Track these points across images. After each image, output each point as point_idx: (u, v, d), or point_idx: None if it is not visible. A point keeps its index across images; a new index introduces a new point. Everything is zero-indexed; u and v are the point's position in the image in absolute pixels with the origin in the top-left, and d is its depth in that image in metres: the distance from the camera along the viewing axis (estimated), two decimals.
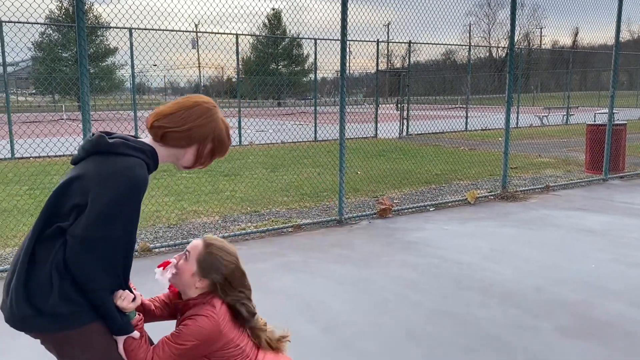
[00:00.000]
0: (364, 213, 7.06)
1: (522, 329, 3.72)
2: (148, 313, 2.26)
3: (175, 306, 2.24)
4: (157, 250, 5.61)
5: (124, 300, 1.91)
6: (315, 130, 16.71)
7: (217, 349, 2.06)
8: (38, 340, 1.92)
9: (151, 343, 2.06)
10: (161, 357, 2.00)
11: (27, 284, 1.79)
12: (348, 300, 4.27)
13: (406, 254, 5.40)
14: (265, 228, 6.38)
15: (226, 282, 2.10)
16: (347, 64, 6.73)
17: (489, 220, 6.78)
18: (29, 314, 1.79)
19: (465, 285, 4.55)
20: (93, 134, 1.97)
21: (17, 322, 1.81)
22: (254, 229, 6.36)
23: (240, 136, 15.74)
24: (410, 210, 7.38)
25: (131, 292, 1.97)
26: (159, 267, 2.11)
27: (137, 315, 2.01)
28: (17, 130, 13.22)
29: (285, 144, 15.17)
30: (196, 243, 2.15)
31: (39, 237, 1.84)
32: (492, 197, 8.14)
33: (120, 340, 1.95)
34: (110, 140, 1.91)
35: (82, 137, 5.12)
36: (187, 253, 2.13)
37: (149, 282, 2.17)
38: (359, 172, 10.20)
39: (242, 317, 2.14)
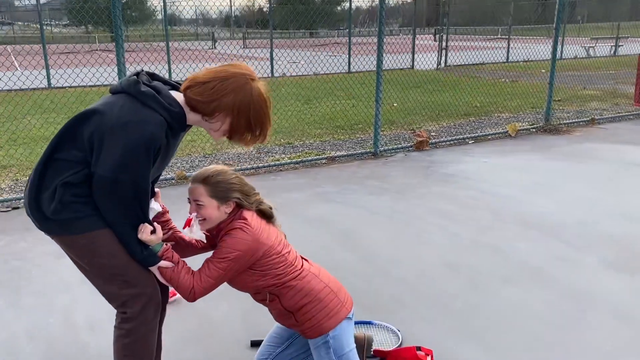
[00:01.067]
0: (400, 146, 6.90)
1: (564, 262, 3.61)
2: (189, 246, 2.30)
3: (212, 235, 2.27)
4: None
5: (142, 233, 1.94)
6: (350, 62, 16.28)
7: (260, 258, 2.07)
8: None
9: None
10: (208, 277, 2.03)
11: (37, 197, 1.92)
12: (384, 230, 4.22)
13: (444, 186, 5.28)
14: (299, 159, 6.31)
15: (243, 194, 2.14)
16: None
17: (531, 153, 6.55)
18: (39, 217, 1.94)
19: (505, 218, 4.43)
20: (140, 72, 1.98)
21: (35, 223, 1.97)
22: (288, 160, 6.30)
23: (272, 68, 15.47)
24: (448, 143, 7.18)
25: (151, 224, 1.99)
26: (184, 228, 2.17)
27: (163, 245, 2.03)
28: (52, 60, 13.27)
29: (318, 75, 14.85)
30: (194, 188, 2.12)
31: (50, 156, 1.92)
32: (534, 130, 7.85)
33: (155, 271, 2.03)
34: (143, 89, 1.89)
35: (116, 67, 5.06)
36: (196, 202, 2.11)
37: (186, 208, 2.14)
38: (394, 104, 9.95)
39: (269, 215, 2.20)
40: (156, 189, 2.26)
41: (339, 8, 36.68)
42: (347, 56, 16.53)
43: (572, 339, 2.74)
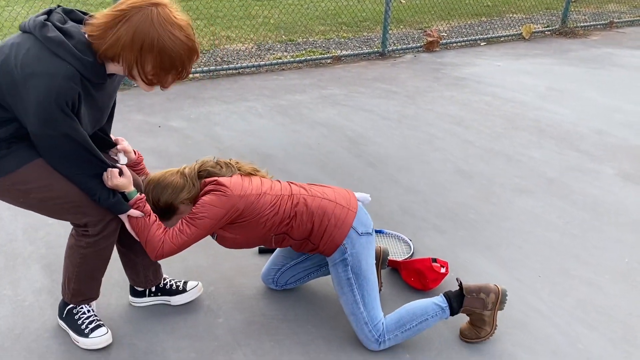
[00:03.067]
0: (409, 46, 6.54)
1: (581, 172, 3.49)
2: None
3: None
4: (191, 76, 5.34)
5: (111, 178, 1.78)
6: None
7: (243, 210, 1.90)
8: None
9: None
10: (181, 233, 1.87)
11: None
12: (393, 136, 4.04)
13: (455, 90, 5.04)
14: (303, 58, 5.98)
15: (183, 193, 1.95)
16: None
17: (546, 57, 6.23)
18: None
19: (520, 124, 4.24)
20: (54, 9, 1.67)
21: None
22: (291, 59, 5.97)
23: None
24: (459, 44, 6.82)
25: (115, 167, 1.81)
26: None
27: (137, 194, 1.87)
28: None
29: None
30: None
31: None
32: (548, 33, 7.45)
33: (125, 220, 1.88)
34: (50, 34, 1.58)
35: None
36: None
37: (185, 107, 1.96)
38: (403, 1, 9.37)
39: (248, 173, 2.02)
40: (119, 138, 2.02)
41: None
42: None
43: (588, 250, 2.67)
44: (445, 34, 7.22)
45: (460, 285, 2.02)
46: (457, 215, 2.98)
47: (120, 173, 1.82)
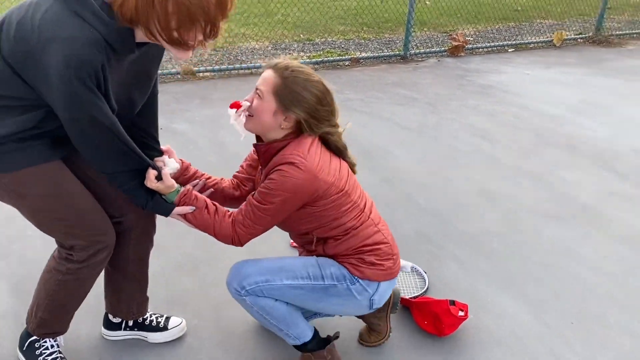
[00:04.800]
0: (432, 50, 6.21)
1: (618, 197, 3.14)
2: (225, 196, 1.87)
3: (256, 157, 1.82)
4: (201, 74, 5.09)
5: (147, 180, 1.56)
6: None
7: (318, 197, 1.63)
8: None
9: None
10: (254, 223, 1.63)
11: None
12: (412, 148, 3.73)
13: (481, 99, 4.70)
14: (320, 59, 5.69)
15: (311, 116, 1.63)
16: None
17: (579, 66, 5.85)
18: None
19: (550, 140, 3.90)
20: None
21: None
22: (307, 60, 5.69)
23: None
24: (485, 49, 6.46)
25: (155, 168, 1.58)
26: (231, 107, 1.65)
27: (181, 189, 1.64)
28: None
29: None
30: (267, 74, 1.62)
31: None
32: (581, 40, 7.05)
33: (180, 220, 1.68)
34: None
35: None
36: (258, 90, 1.63)
37: (192, 109, 1.69)
38: (427, 2, 9.03)
39: (336, 149, 1.72)
40: (167, 147, 1.79)
41: None
42: None
43: (630, 292, 2.34)
44: (471, 39, 6.87)
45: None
46: (478, 244, 2.66)
47: (158, 177, 1.58)
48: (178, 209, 1.62)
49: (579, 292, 2.34)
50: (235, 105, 1.65)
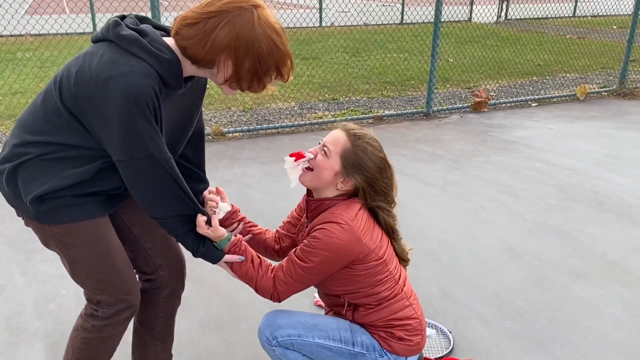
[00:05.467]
0: (455, 106, 6.32)
1: None
2: (264, 248, 1.94)
3: (304, 208, 1.88)
4: (230, 135, 5.28)
5: (197, 228, 1.63)
6: (403, 12, 15.37)
7: (358, 261, 1.68)
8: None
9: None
10: (294, 281, 1.68)
11: (15, 171, 1.59)
12: (435, 204, 3.77)
13: (504, 154, 4.74)
14: (344, 117, 5.85)
15: (369, 185, 1.70)
16: None
17: (603, 120, 5.86)
18: (12, 194, 1.61)
19: (575, 195, 3.89)
20: (127, 15, 1.55)
21: (5, 197, 1.65)
22: (332, 118, 5.85)
23: (320, 17, 14.76)
24: (508, 104, 6.54)
25: (205, 214, 1.65)
26: (290, 156, 1.72)
27: (232, 237, 1.70)
28: (99, 3, 13.00)
29: (368, 26, 14.08)
30: (338, 135, 1.71)
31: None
32: (605, 94, 7.08)
33: (225, 269, 1.74)
34: (124, 32, 1.45)
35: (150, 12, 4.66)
36: (325, 148, 1.70)
37: (220, 168, 1.79)
38: (450, 60, 9.23)
39: (384, 226, 1.78)
40: (219, 189, 1.89)
41: None
42: (400, 6, 15.59)
43: None
44: (494, 94, 6.97)
45: None
46: (503, 302, 2.65)
47: (208, 222, 1.65)
48: (227, 257, 1.68)
49: (610, 353, 2.29)
50: (297, 155, 1.72)
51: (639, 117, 5.99)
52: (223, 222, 1.85)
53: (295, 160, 1.72)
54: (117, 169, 1.54)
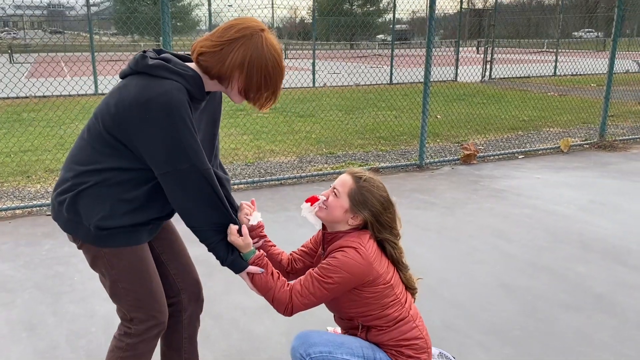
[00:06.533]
0: (446, 159, 6.69)
1: (631, 289, 3.35)
2: (278, 266, 2.18)
3: (320, 242, 2.16)
4: (235, 187, 5.56)
5: (230, 235, 1.85)
6: (391, 73, 16.12)
7: (368, 283, 1.94)
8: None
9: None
10: (311, 294, 1.92)
11: (75, 200, 1.82)
12: (433, 247, 4.03)
13: (495, 202, 5.05)
14: (343, 169, 6.17)
15: (377, 221, 2.00)
16: (433, 2, 6.18)
17: (586, 170, 6.23)
18: (73, 222, 1.84)
19: (562, 238, 4.17)
20: (146, 51, 1.84)
21: (63, 226, 1.89)
22: (331, 170, 6.17)
23: (314, 78, 15.44)
24: (496, 157, 6.93)
25: (237, 223, 1.88)
26: (306, 201, 2.04)
27: (256, 252, 1.93)
28: (100, 68, 13.56)
29: (359, 86, 14.74)
30: (345, 178, 2.04)
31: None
32: (587, 146, 7.50)
33: (246, 280, 1.95)
34: (150, 62, 1.75)
35: None
36: (335, 190, 2.02)
37: None
38: (438, 116, 9.72)
39: (391, 257, 2.06)
40: (252, 200, 2.11)
41: (379, 20, 36.64)
42: (388, 67, 16.36)
43: None
44: (482, 147, 7.37)
45: None
46: (501, 332, 2.87)
47: (239, 232, 1.87)
48: (250, 268, 1.91)
49: None
50: (312, 199, 2.03)
51: (618, 167, 6.37)
52: (250, 232, 2.05)
53: (311, 205, 2.03)
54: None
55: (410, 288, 2.14)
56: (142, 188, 1.81)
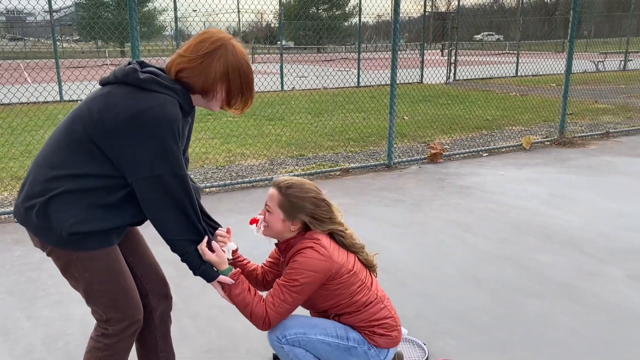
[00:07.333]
0: (414, 158, 6.85)
1: (590, 275, 3.53)
2: (256, 282, 2.27)
3: (277, 254, 2.26)
4: (207, 190, 5.59)
5: (204, 253, 1.91)
6: (359, 76, 16.32)
7: (333, 276, 2.03)
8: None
9: None
10: (282, 302, 1.99)
11: (47, 205, 1.82)
12: (402, 242, 4.15)
13: (460, 198, 5.22)
14: (313, 171, 6.27)
15: (314, 218, 2.09)
16: (397, 6, 6.35)
17: (547, 165, 6.48)
18: (42, 227, 1.83)
19: (525, 230, 4.35)
20: (130, 63, 1.89)
21: (32, 232, 1.88)
22: (302, 172, 6.26)
23: (282, 82, 15.51)
24: (462, 155, 7.13)
25: (207, 233, 1.94)
26: (251, 224, 2.14)
27: (232, 270, 2.00)
28: (64, 75, 13.36)
29: (327, 89, 14.88)
30: (271, 192, 2.12)
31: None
32: (548, 143, 7.78)
33: (216, 287, 2.01)
34: (142, 76, 1.80)
35: None
36: (267, 206, 2.11)
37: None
38: (405, 117, 9.91)
39: (342, 244, 2.15)
40: (228, 228, 2.18)
41: (346, 23, 36.97)
42: (356, 70, 16.56)
43: (606, 351, 2.66)
44: (448, 147, 7.56)
45: None
46: (470, 320, 3.00)
47: (210, 247, 1.93)
48: (221, 278, 1.98)
49: (561, 354, 2.66)
50: (254, 221, 2.14)
51: (578, 162, 6.64)
52: (230, 263, 2.14)
53: (256, 226, 2.15)
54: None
55: (370, 267, 2.24)
56: (116, 195, 1.84)
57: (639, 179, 5.81)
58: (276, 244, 2.19)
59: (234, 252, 2.21)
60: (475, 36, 33.06)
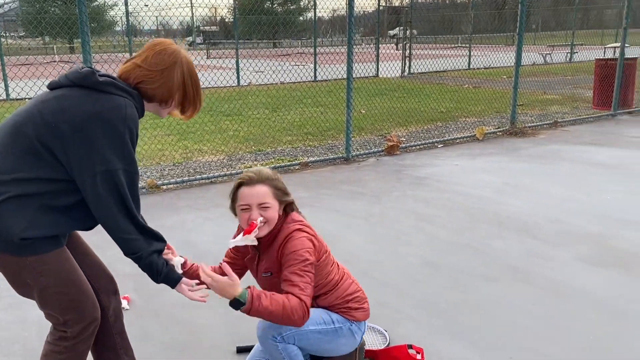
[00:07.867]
0: (371, 150, 6.94)
1: (541, 259, 3.68)
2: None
3: (251, 251, 2.21)
4: (164, 187, 5.52)
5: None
6: (315, 71, 16.35)
7: (318, 257, 2.10)
8: None
9: None
10: (307, 283, 1.96)
11: None
12: (362, 233, 4.22)
13: (417, 189, 5.33)
14: (272, 166, 6.27)
15: (286, 193, 2.14)
16: (351, 0, 6.41)
17: (500, 155, 6.68)
18: None
19: (480, 218, 4.49)
20: (82, 67, 1.87)
21: None
22: (262, 167, 6.24)
23: (238, 77, 15.39)
24: (418, 147, 7.27)
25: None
26: (247, 232, 2.02)
27: (248, 289, 1.93)
28: (10, 72, 12.86)
29: (284, 84, 14.86)
30: (261, 190, 2.04)
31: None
32: (500, 133, 8.02)
33: (183, 291, 1.99)
34: (101, 79, 1.82)
35: None
36: (265, 204, 2.04)
37: (160, 217, 2.12)
38: (362, 111, 10.02)
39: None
40: (169, 244, 2.12)
41: (301, 18, 36.94)
42: (312, 65, 16.58)
43: (557, 328, 2.79)
44: (404, 139, 7.70)
45: None
46: (429, 305, 3.09)
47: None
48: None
49: (516, 332, 2.77)
50: (253, 226, 2.01)
51: (528, 151, 6.88)
52: (186, 275, 2.13)
53: (249, 233, 2.01)
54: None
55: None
56: (67, 199, 1.82)
57: (585, 165, 6.07)
58: (260, 239, 2.08)
59: (183, 265, 2.16)
60: (390, 32, 33.68)
